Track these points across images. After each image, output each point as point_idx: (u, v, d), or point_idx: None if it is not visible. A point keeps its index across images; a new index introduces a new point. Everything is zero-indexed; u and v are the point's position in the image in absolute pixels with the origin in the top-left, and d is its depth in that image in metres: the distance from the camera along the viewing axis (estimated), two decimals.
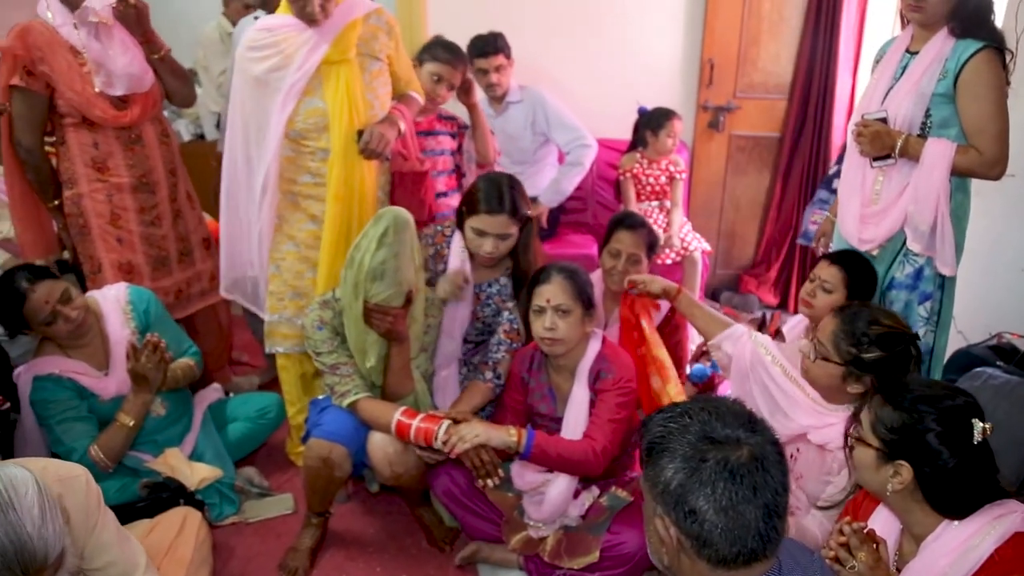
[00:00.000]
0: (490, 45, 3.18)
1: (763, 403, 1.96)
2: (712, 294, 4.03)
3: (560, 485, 2.04)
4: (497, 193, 2.19)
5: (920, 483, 1.37)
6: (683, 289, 2.24)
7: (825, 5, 3.49)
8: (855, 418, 1.52)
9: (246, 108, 2.29)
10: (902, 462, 1.37)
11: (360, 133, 2.29)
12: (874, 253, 2.29)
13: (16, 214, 2.52)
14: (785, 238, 3.88)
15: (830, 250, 2.62)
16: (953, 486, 1.36)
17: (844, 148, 3.54)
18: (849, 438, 1.49)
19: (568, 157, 3.36)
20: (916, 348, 1.78)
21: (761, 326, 3.13)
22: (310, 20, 2.16)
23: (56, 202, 2.49)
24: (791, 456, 1.89)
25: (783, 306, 3.95)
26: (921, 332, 2.25)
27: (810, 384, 1.88)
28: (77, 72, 2.33)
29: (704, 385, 2.81)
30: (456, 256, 2.32)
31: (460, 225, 2.30)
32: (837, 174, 3.52)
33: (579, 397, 2.05)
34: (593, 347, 2.08)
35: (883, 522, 1.51)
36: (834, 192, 3.52)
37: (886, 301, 2.29)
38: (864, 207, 2.27)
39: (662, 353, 2.28)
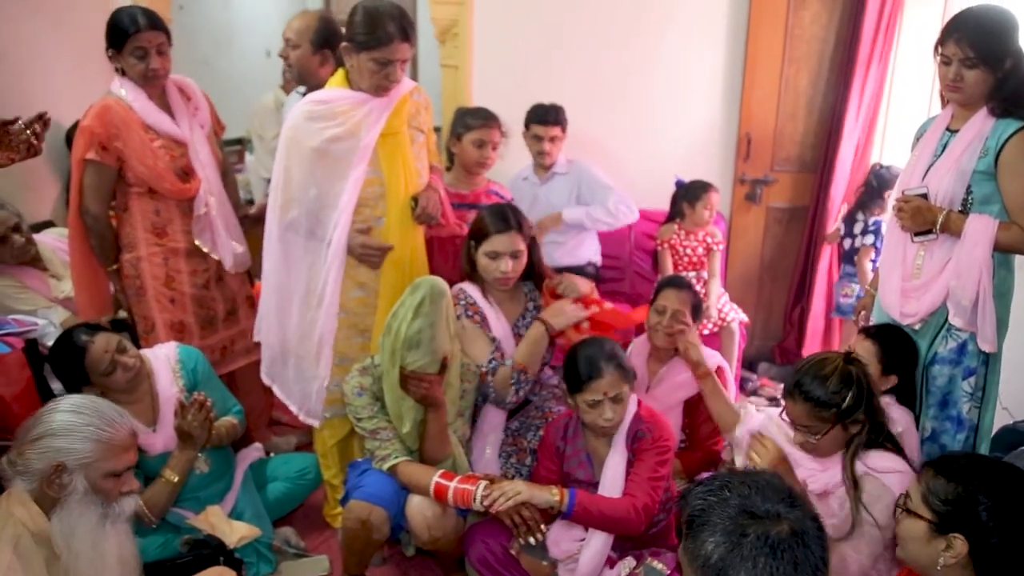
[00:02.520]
0: (551, 115, 3.30)
1: None
2: (750, 365, 4.00)
3: (594, 547, 2.03)
4: (501, 214, 2.34)
5: (974, 557, 1.35)
6: (712, 375, 2.33)
7: (843, 78, 3.56)
8: (850, 465, 1.62)
9: (309, 177, 2.29)
10: (957, 535, 1.35)
11: (415, 200, 2.39)
12: (916, 327, 2.28)
13: (76, 276, 2.65)
14: (811, 309, 3.86)
15: (871, 323, 2.62)
16: (1008, 561, 1.33)
17: (849, 213, 3.58)
18: (898, 510, 1.48)
19: (609, 205, 3.34)
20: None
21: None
22: (382, 91, 2.26)
23: (115, 266, 2.62)
24: None
25: None
26: (965, 408, 2.22)
27: (826, 457, 1.90)
28: (149, 148, 2.48)
29: None
30: (489, 312, 2.39)
31: (472, 269, 2.40)
32: (852, 250, 3.55)
33: (615, 460, 2.07)
34: (630, 411, 2.10)
35: None
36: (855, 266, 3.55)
37: (929, 376, 2.26)
38: (905, 281, 2.28)
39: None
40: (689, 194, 3.50)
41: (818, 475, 1.88)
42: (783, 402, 1.94)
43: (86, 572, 1.62)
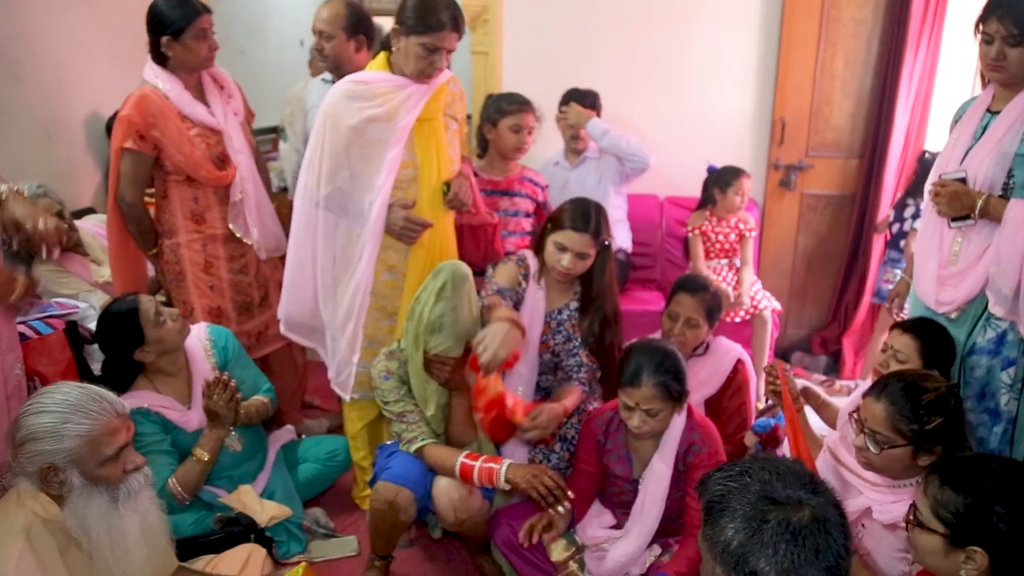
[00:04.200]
0: (587, 99, 3.31)
1: (832, 482, 1.90)
2: (783, 354, 3.95)
3: (629, 546, 2.02)
4: (584, 214, 2.27)
5: (995, 569, 1.29)
6: (803, 411, 2.21)
7: (892, 62, 3.48)
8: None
9: (344, 155, 2.29)
10: (975, 548, 1.29)
11: (447, 185, 2.40)
12: (952, 316, 2.22)
13: (115, 261, 2.71)
14: (859, 298, 3.79)
15: (905, 310, 2.57)
16: None
17: (899, 200, 3.51)
18: (908, 523, 1.42)
19: (632, 140, 3.27)
20: (957, 397, 1.71)
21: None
22: (425, 78, 2.27)
23: (154, 250, 2.68)
24: (856, 533, 1.82)
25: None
26: (1004, 400, 2.16)
27: (878, 474, 1.78)
28: (186, 137, 2.52)
29: (767, 435, 2.73)
30: (532, 287, 2.37)
31: (539, 247, 2.36)
32: (900, 234, 3.47)
33: (660, 470, 2.03)
34: (679, 419, 2.05)
35: None
36: (901, 251, 3.47)
37: (967, 367, 2.21)
38: (942, 268, 2.22)
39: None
40: (721, 180, 3.45)
41: (889, 506, 1.74)
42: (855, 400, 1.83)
43: (109, 555, 1.62)
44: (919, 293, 2.33)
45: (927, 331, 2.17)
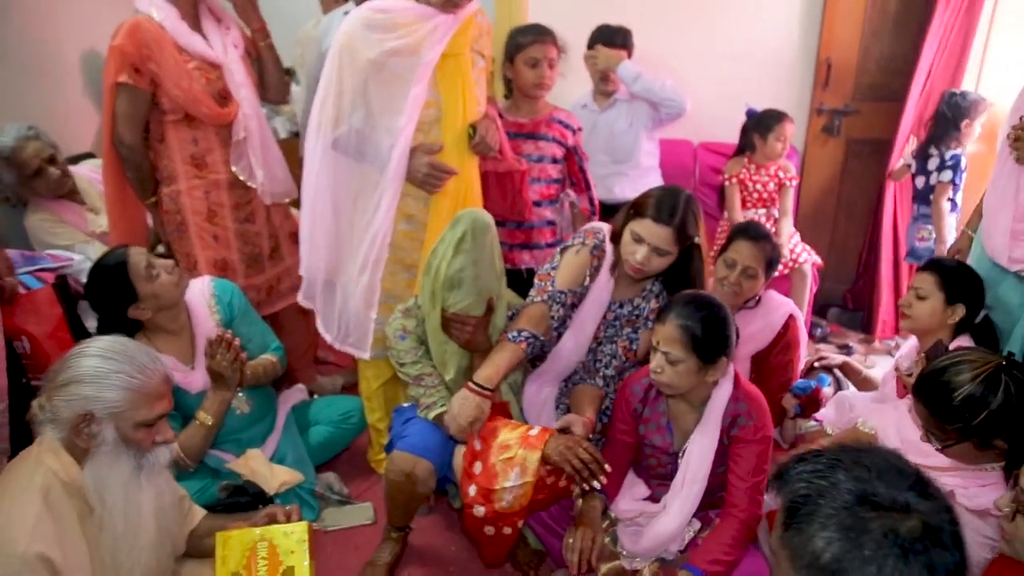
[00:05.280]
0: (618, 37, 3.06)
1: None
2: (819, 310, 3.75)
3: (669, 523, 1.87)
4: (671, 204, 1.95)
5: None
6: None
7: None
8: (1012, 479, 1.29)
9: (361, 92, 2.11)
10: None
11: (472, 128, 2.20)
12: None
13: (112, 209, 2.53)
14: (893, 254, 3.56)
15: None
16: None
17: (921, 149, 3.23)
18: (1006, 507, 1.29)
19: (668, 84, 3.06)
20: (1000, 379, 1.54)
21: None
22: (452, 7, 2.07)
23: (154, 199, 2.50)
24: None
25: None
26: None
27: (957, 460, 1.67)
28: (184, 70, 2.32)
29: (808, 398, 2.57)
30: (602, 277, 2.13)
31: (618, 234, 2.07)
32: (928, 188, 3.22)
33: (705, 445, 1.85)
34: (725, 387, 1.86)
35: None
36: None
37: None
38: (1017, 222, 2.01)
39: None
40: (761, 125, 3.22)
41: (976, 491, 1.62)
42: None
43: (120, 527, 1.52)
44: (988, 249, 2.12)
45: (946, 266, 2.11)
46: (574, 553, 1.82)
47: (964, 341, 2.03)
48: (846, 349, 3.51)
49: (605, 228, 2.15)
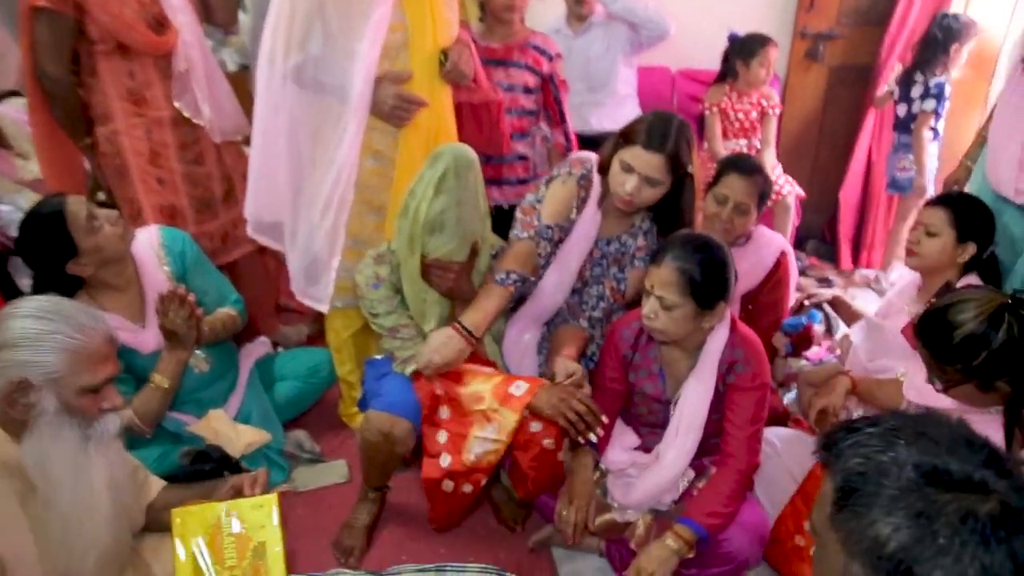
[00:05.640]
0: None
1: None
2: (799, 243, 3.67)
3: (662, 475, 1.79)
4: (663, 130, 1.80)
5: None
6: (852, 377, 1.95)
7: None
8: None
9: (317, 14, 1.91)
10: None
11: (444, 54, 2.02)
12: None
13: (42, 154, 2.29)
14: (871, 185, 3.48)
15: None
16: None
17: (904, 74, 3.11)
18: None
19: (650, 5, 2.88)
20: (1002, 318, 1.47)
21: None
22: None
23: (88, 140, 2.25)
24: None
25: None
26: None
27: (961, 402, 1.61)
28: None
29: (799, 335, 2.50)
30: (589, 211, 1.97)
31: (606, 165, 1.91)
32: (909, 117, 3.11)
33: (699, 392, 1.76)
34: (721, 332, 1.76)
35: None
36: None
37: None
38: None
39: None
40: (743, 50, 3.08)
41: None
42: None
43: (69, 504, 1.38)
44: (993, 181, 2.02)
45: (958, 201, 1.98)
46: (568, 526, 1.75)
47: (971, 280, 1.94)
48: (826, 283, 3.45)
49: (593, 158, 1.99)
